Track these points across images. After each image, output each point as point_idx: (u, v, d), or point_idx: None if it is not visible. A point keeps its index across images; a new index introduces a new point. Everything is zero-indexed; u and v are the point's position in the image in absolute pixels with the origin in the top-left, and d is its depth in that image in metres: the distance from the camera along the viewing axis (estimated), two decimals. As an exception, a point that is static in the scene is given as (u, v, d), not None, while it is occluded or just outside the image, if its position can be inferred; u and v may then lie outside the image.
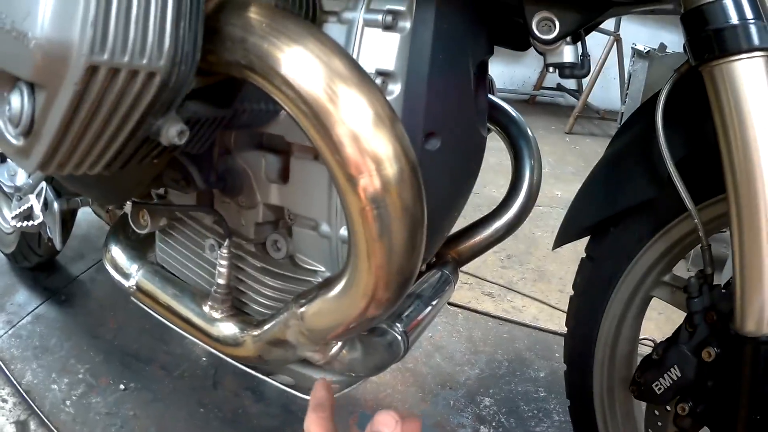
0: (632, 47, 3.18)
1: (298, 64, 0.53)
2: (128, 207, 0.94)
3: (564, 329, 1.02)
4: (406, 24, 0.71)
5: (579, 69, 0.76)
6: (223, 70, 0.59)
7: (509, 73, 4.38)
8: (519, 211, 1.08)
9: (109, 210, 1.19)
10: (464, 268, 1.14)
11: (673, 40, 3.27)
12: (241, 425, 1.29)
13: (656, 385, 0.78)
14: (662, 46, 3.14)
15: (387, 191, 0.54)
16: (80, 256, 1.86)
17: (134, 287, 0.95)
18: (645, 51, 3.05)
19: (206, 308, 0.87)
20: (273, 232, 0.84)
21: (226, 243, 0.83)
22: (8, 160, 1.29)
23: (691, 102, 0.75)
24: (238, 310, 0.87)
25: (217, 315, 0.85)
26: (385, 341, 0.80)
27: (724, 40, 0.62)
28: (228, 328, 0.85)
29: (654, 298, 0.93)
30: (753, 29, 0.62)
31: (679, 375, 0.75)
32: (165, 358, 1.47)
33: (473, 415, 1.36)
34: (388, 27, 0.72)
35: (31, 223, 1.17)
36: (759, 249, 0.65)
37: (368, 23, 0.73)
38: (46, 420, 1.26)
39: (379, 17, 0.71)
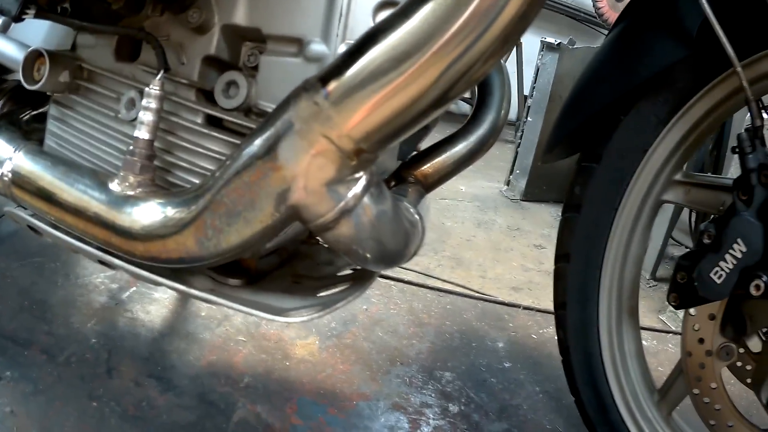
0: (542, 41, 3.20)
1: None
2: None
3: (510, 299, 0.88)
4: None
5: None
6: None
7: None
8: (488, 130, 0.98)
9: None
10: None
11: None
12: (148, 422, 1.00)
13: (716, 274, 0.65)
14: (572, 41, 3.20)
15: None
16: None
17: (9, 174, 0.70)
18: (556, 44, 3.07)
19: (114, 184, 0.62)
20: (226, 70, 0.63)
21: (158, 76, 0.62)
22: None
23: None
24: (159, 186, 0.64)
25: (131, 192, 0.61)
26: (408, 211, 0.62)
27: None
28: (149, 212, 0.60)
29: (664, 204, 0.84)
30: None
31: (745, 250, 0.64)
32: (47, 340, 1.16)
33: (437, 392, 1.15)
34: None
35: None
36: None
37: None
38: None
39: None
